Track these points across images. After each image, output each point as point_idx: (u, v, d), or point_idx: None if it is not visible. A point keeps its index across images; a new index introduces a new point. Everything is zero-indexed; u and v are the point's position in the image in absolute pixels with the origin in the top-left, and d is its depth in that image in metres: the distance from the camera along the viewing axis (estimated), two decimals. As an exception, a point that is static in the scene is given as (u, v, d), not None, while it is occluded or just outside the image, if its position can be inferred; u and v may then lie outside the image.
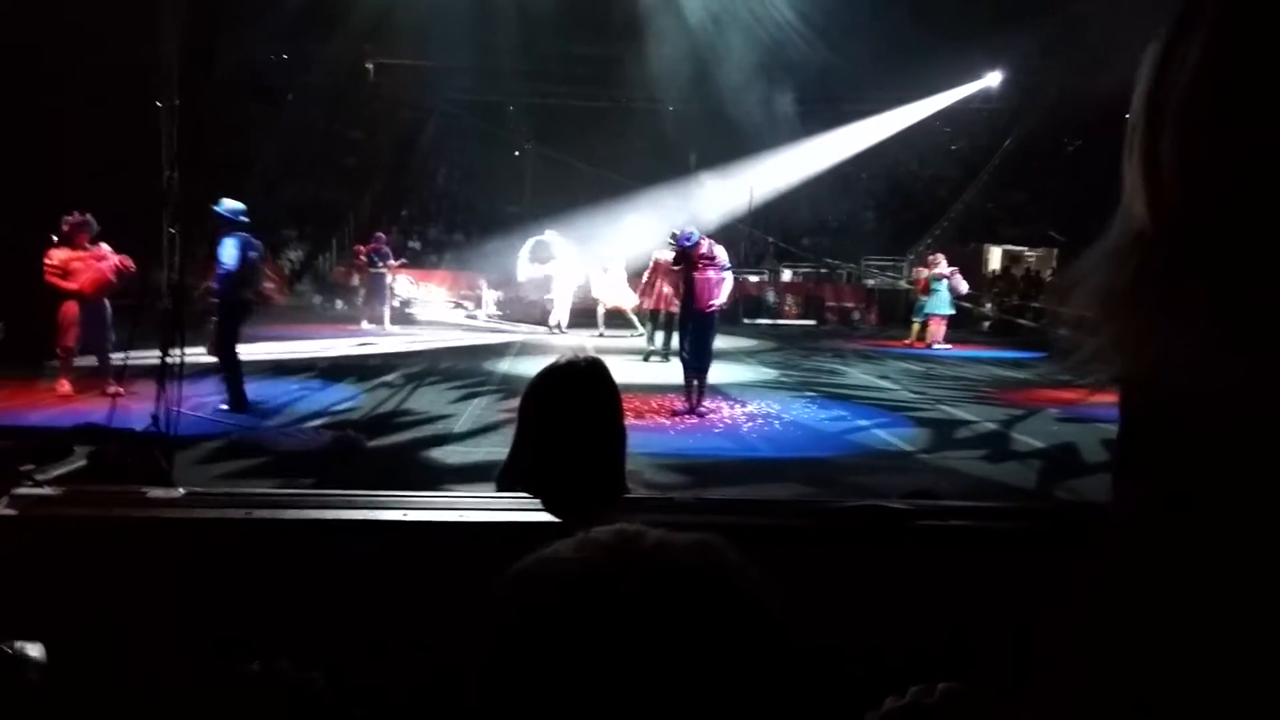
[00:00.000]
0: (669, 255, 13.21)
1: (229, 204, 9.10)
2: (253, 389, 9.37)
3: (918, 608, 1.78)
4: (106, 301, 9.58)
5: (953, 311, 18.28)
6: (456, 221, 28.32)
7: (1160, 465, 0.59)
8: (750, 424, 9.33)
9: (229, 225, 9.04)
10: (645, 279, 14.57)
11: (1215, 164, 0.55)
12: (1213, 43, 0.56)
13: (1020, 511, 2.17)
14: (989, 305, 22.05)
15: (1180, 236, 0.56)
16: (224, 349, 8.85)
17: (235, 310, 8.99)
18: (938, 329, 17.99)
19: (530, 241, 20.06)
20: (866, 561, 1.90)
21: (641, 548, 0.75)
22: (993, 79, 27.29)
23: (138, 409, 7.35)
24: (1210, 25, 0.56)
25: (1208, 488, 0.56)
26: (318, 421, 8.56)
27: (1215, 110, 0.55)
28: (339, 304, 22.27)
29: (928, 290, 18.14)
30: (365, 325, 18.05)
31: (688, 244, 9.93)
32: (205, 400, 8.77)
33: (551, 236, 19.44)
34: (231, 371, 8.87)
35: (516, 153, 29.03)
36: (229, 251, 8.88)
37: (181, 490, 2.07)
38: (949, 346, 17.64)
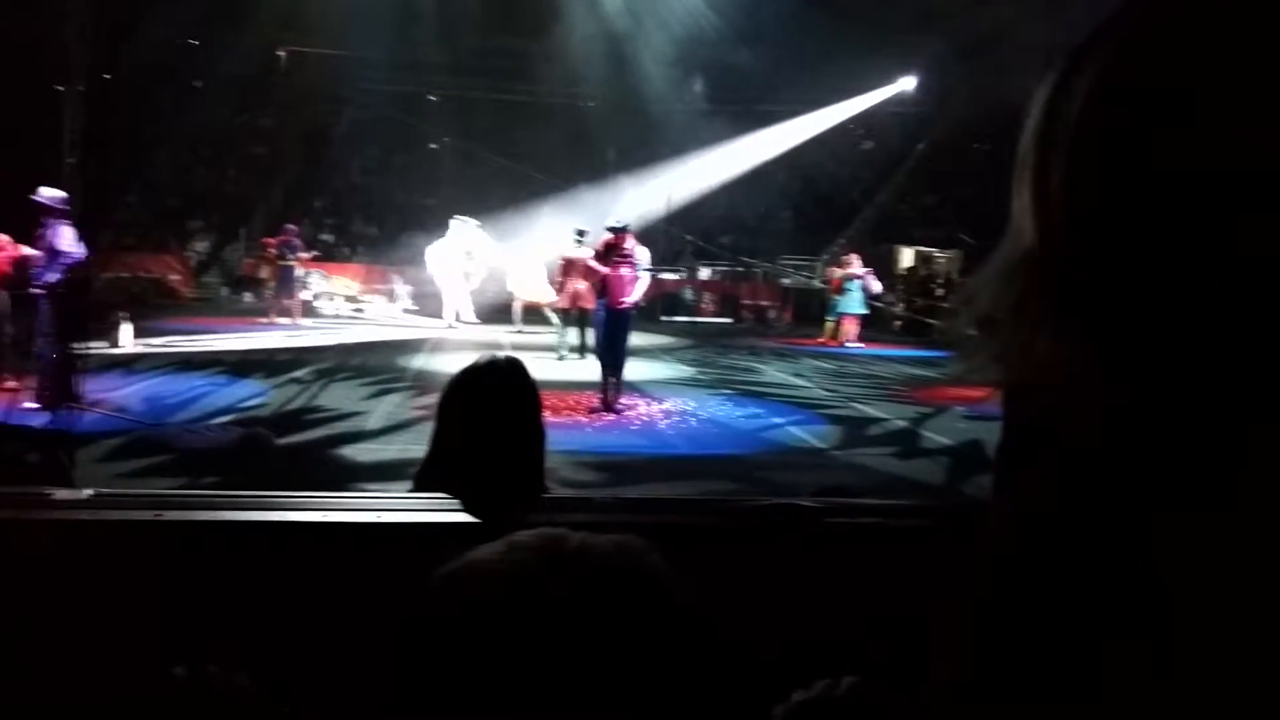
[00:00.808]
0: (578, 252, 13.25)
1: (52, 192, 8.55)
2: (157, 384, 9.12)
3: (828, 603, 1.83)
4: (5, 293, 9.20)
5: (866, 311, 18.64)
6: (370, 214, 27.85)
7: (1030, 470, 0.64)
8: (667, 421, 9.40)
9: (57, 214, 8.51)
10: (557, 278, 14.54)
11: (1098, 197, 0.59)
12: (1098, 84, 0.60)
13: (928, 509, 2.24)
14: (900, 305, 22.54)
15: (1063, 260, 0.60)
16: (57, 340, 8.28)
17: (65, 299, 8.48)
18: (851, 328, 18.33)
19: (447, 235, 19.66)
20: (779, 558, 1.94)
21: (565, 551, 0.77)
22: (907, 83, 27.86)
23: (37, 406, 7.12)
24: (1098, 68, 0.60)
25: (1073, 491, 0.61)
26: (225, 418, 8.35)
27: (1099, 149, 0.59)
28: (247, 297, 21.75)
29: (841, 290, 18.47)
30: (274, 319, 17.67)
31: (618, 228, 9.97)
32: (107, 396, 8.51)
33: (462, 226, 19.18)
34: (58, 365, 8.32)
35: (433, 145, 28.68)
36: (68, 239, 8.42)
37: (88, 491, 2.02)
38: (862, 345, 17.98)
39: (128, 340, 12.88)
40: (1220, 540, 0.55)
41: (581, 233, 13.65)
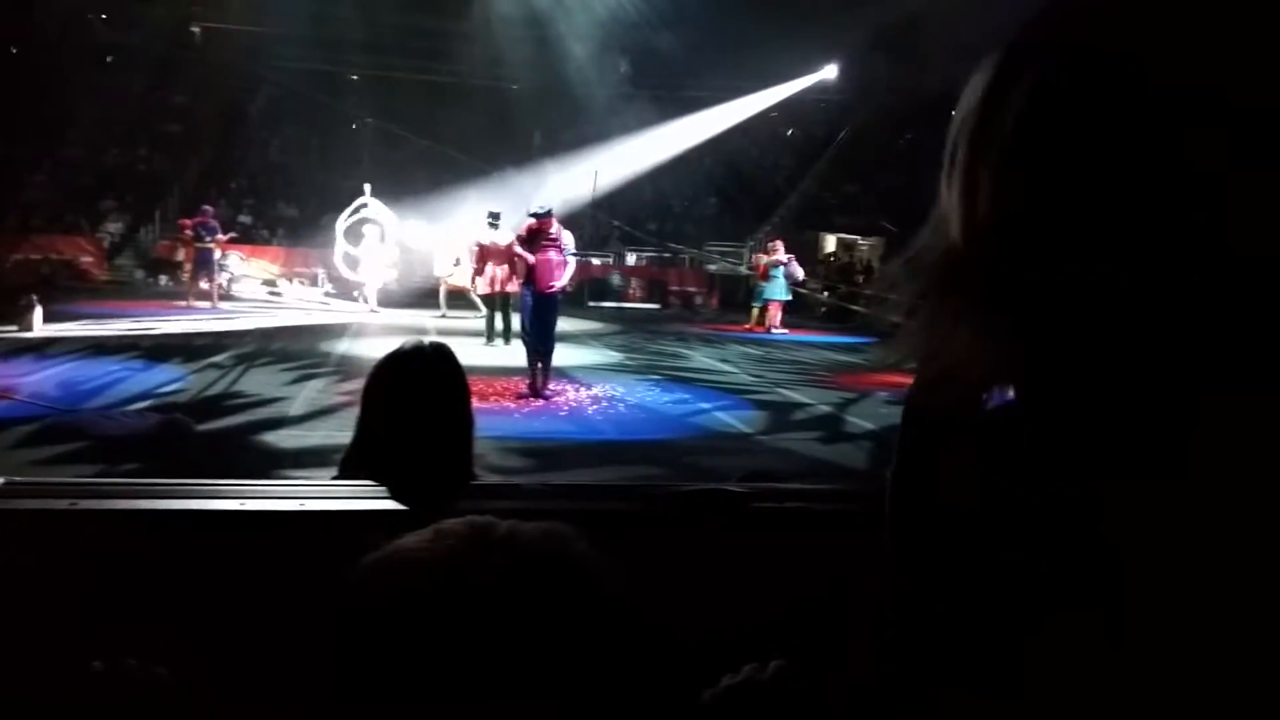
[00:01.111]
0: (492, 236, 13.17)
1: None
2: (70, 369, 8.83)
3: (755, 588, 1.86)
4: None
5: (790, 297, 18.85)
6: (290, 195, 27.26)
7: (947, 455, 0.67)
8: (595, 407, 9.41)
9: None
10: (474, 263, 14.41)
11: (1027, 199, 0.61)
12: (1039, 87, 0.61)
13: (852, 494, 2.28)
14: (824, 292, 22.84)
15: (991, 256, 0.62)
16: None
17: None
18: (776, 314, 18.53)
19: (350, 209, 19.21)
20: (706, 543, 1.97)
21: (492, 539, 0.78)
22: (829, 72, 28.15)
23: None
24: (1037, 71, 0.62)
25: (1003, 473, 0.63)
26: (142, 404, 8.14)
27: (1036, 151, 0.61)
28: (163, 280, 21.17)
29: (766, 276, 18.65)
30: (191, 303, 17.24)
31: (542, 213, 9.88)
32: (19, 381, 8.22)
33: (370, 203, 18.90)
34: None
35: (354, 126, 28.16)
36: None
37: (1, 479, 1.96)
38: (786, 331, 18.19)
39: (38, 324, 12.46)
40: (1173, 507, 0.57)
41: (495, 216, 13.56)
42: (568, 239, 10.00)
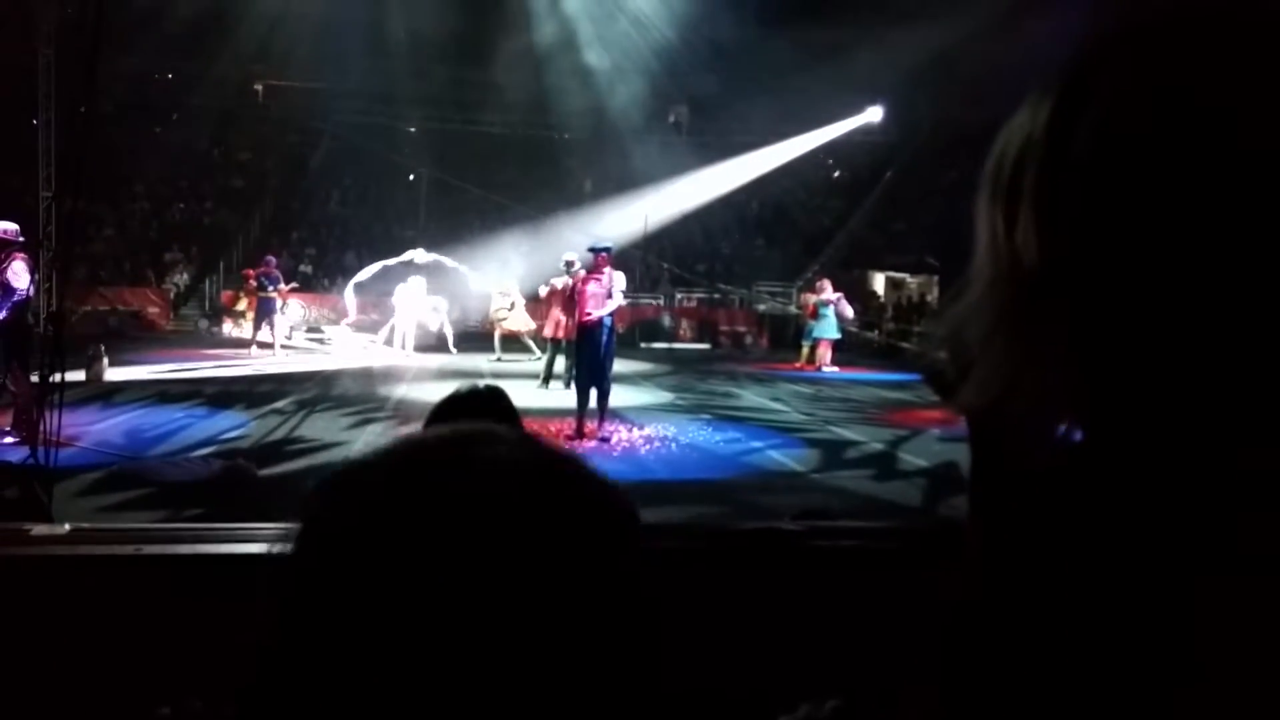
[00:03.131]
0: (563, 281, 13.27)
1: (4, 225, 8.48)
2: (136, 416, 9.04)
3: (810, 626, 1.84)
4: None
5: (839, 335, 18.75)
6: (349, 244, 27.82)
7: (1002, 493, 0.65)
8: (647, 447, 9.40)
9: (10, 246, 8.43)
10: (542, 307, 14.59)
11: (1109, 224, 0.58)
12: (1114, 107, 0.59)
13: (907, 531, 2.26)
14: (875, 333, 22.70)
15: (1074, 288, 0.59)
16: (22, 376, 8.24)
17: (24, 334, 8.48)
18: (826, 352, 18.42)
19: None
20: (761, 582, 1.96)
21: (489, 445, 0.64)
22: (874, 114, 28.23)
23: (14, 440, 7.04)
24: (1110, 91, 0.59)
25: (1043, 515, 0.61)
26: (205, 450, 8.29)
27: (1118, 173, 0.58)
28: (227, 328, 21.64)
29: (816, 315, 18.57)
30: (254, 351, 17.59)
31: (599, 248, 10.06)
32: (86, 429, 8.43)
33: (419, 253, 19.31)
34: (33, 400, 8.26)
35: (411, 177, 28.71)
36: (21, 273, 8.36)
37: (66, 526, 2.01)
38: (837, 369, 18.06)
39: (106, 374, 12.78)
40: (1248, 595, 0.55)
41: (570, 263, 13.68)
42: (618, 278, 10.10)
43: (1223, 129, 0.56)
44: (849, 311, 19.21)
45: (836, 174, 31.14)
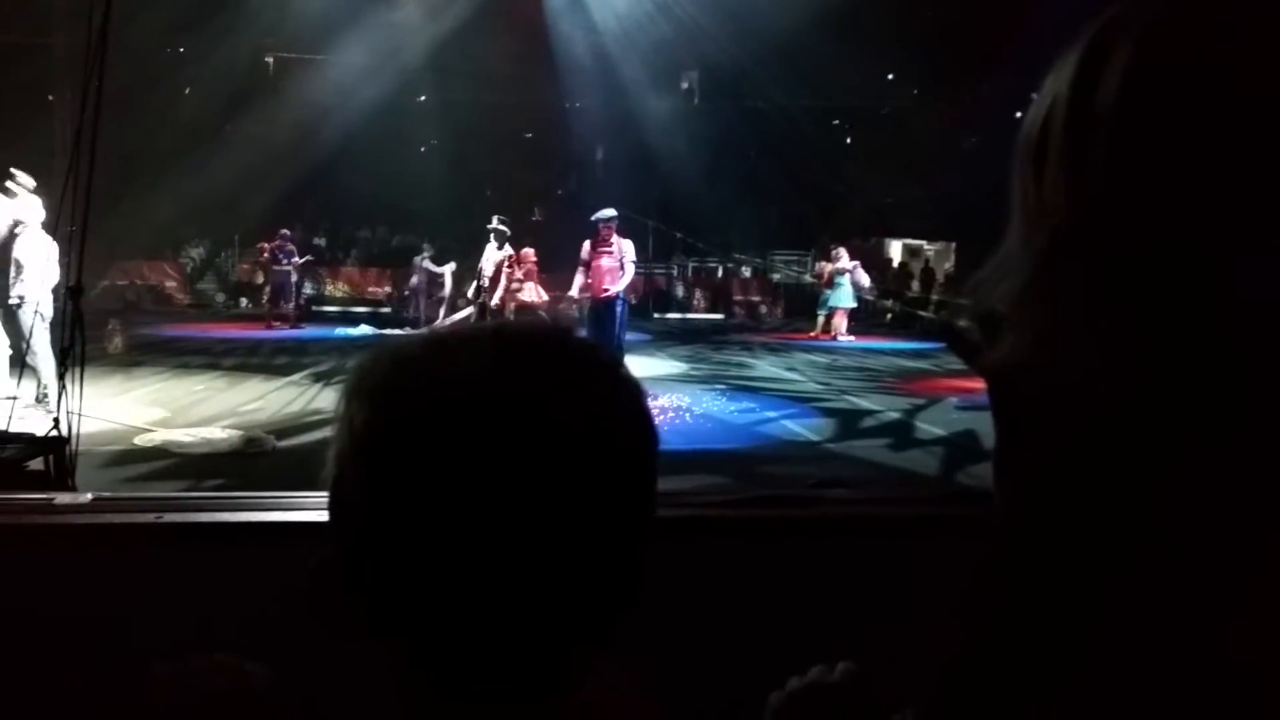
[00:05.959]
0: (501, 256, 13.27)
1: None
2: (155, 390, 9.09)
3: (823, 592, 1.85)
4: None
5: (855, 304, 18.69)
6: (362, 218, 27.81)
7: (1034, 458, 0.64)
8: (661, 417, 9.41)
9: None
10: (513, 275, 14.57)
11: (1145, 179, 0.58)
12: (1137, 61, 0.58)
13: (924, 498, 2.26)
14: (890, 300, 22.60)
15: (1108, 242, 0.59)
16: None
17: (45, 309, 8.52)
18: (841, 321, 18.37)
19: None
20: (775, 548, 1.96)
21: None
22: (888, 78, 27.92)
23: (34, 412, 7.11)
24: (1133, 46, 0.59)
25: (1076, 480, 0.60)
26: (224, 422, 8.36)
27: (1144, 126, 0.58)
28: (243, 302, 21.73)
29: (831, 284, 18.51)
30: (271, 324, 17.67)
31: (603, 219, 10.10)
32: (102, 403, 8.49)
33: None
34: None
35: (422, 149, 28.62)
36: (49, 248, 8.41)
37: (89, 495, 2.03)
38: (853, 338, 18.02)
39: (123, 347, 12.88)
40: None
41: (500, 233, 13.55)
42: (628, 247, 10.10)
43: (1260, 62, 0.56)
44: (866, 280, 19.15)
45: (849, 140, 30.85)
